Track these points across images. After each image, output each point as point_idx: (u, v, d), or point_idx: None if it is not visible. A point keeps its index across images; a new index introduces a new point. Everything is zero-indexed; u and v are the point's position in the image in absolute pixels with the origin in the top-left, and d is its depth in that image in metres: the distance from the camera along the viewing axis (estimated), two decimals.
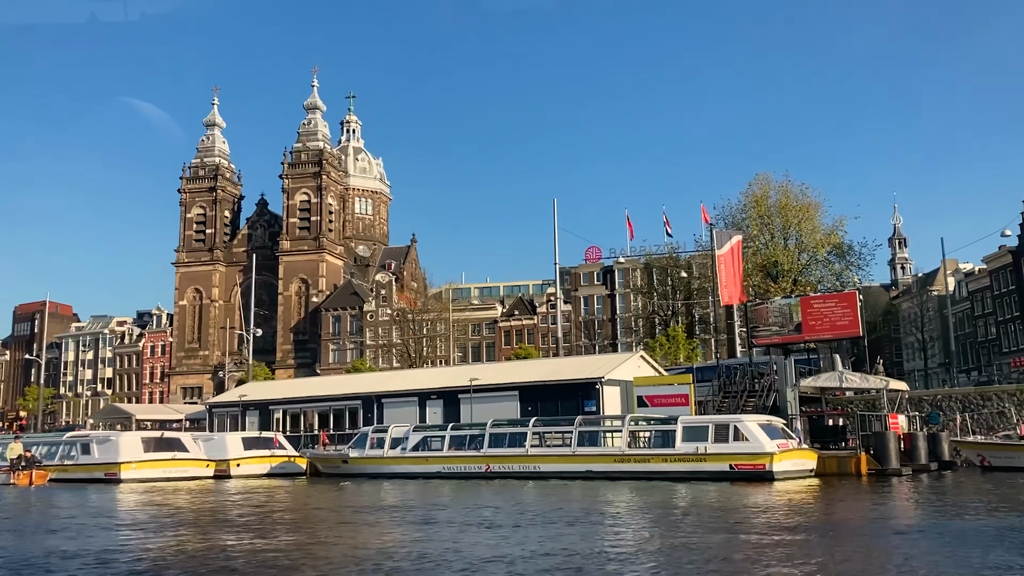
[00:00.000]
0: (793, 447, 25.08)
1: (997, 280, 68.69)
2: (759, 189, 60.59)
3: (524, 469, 27.24)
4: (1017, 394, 35.59)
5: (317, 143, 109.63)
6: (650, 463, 25.31)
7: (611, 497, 20.72)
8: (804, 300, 41.22)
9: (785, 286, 56.16)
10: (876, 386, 30.54)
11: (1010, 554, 11.07)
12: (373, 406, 39.25)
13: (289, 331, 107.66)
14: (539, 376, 36.99)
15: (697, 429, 25.22)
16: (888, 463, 26.30)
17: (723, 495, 20.73)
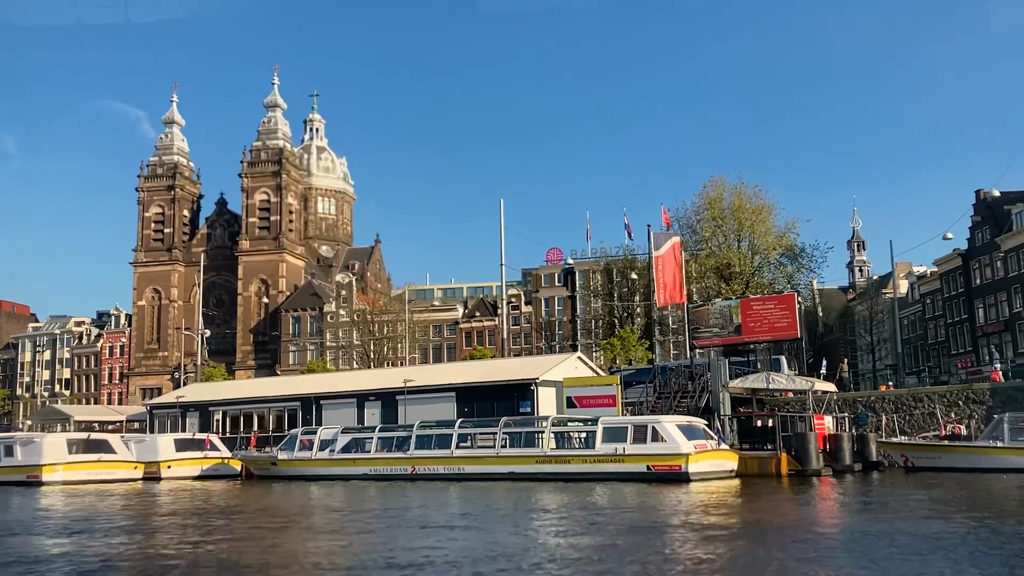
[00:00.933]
0: (712, 448, 25.18)
1: (947, 283, 69.54)
2: (713, 191, 60.95)
3: (449, 471, 27.18)
4: (947, 395, 36.05)
5: (277, 142, 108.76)
6: (571, 464, 25.34)
7: (516, 500, 20.68)
8: (744, 302, 41.63)
9: (737, 288, 56.56)
10: (801, 387, 30.80)
11: (883, 561, 11.05)
12: (312, 408, 38.99)
13: (249, 332, 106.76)
14: (476, 377, 36.95)
15: (617, 430, 25.27)
16: (808, 464, 26.51)
17: (628, 496, 20.77)
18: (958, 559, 10.84)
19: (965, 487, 22.63)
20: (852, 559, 11.09)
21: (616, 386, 30.93)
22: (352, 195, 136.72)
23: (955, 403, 35.60)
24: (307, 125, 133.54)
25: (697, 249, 62.27)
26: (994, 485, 22.97)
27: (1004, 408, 33.37)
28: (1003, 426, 27.20)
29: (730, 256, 58.65)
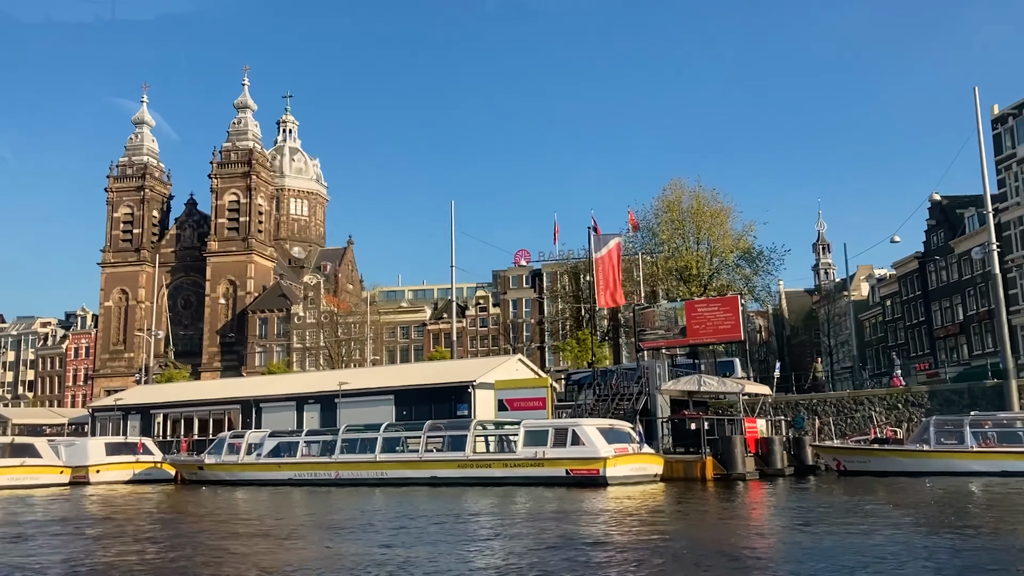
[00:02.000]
0: (634, 452, 24.98)
1: (905, 286, 69.87)
2: (672, 194, 60.97)
3: (372, 476, 26.88)
4: (887, 398, 36.13)
5: (247, 143, 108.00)
6: (492, 468, 25.10)
7: (427, 505, 20.42)
8: (689, 304, 41.51)
9: (696, 290, 56.57)
10: (732, 390, 30.63)
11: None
12: (252, 410, 38.60)
13: (216, 333, 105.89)
14: (415, 380, 36.68)
15: (538, 434, 25.05)
16: (734, 468, 26.37)
17: (528, 502, 20.51)
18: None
19: (874, 490, 22.54)
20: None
21: (547, 389, 30.71)
22: (325, 196, 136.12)
23: (895, 406, 35.69)
24: (280, 126, 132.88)
25: (657, 251, 62.30)
26: (914, 488, 22.86)
27: (942, 411, 33.48)
28: (930, 429, 27.15)
29: (687, 259, 58.66)
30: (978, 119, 35.22)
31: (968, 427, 26.46)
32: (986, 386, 34.97)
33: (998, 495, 20.82)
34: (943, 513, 17.81)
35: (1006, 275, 55.95)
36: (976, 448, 25.98)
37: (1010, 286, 55.59)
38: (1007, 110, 55.52)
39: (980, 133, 35.16)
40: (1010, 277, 55.65)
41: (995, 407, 32.33)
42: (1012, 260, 54.94)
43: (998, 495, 20.82)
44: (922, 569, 10.48)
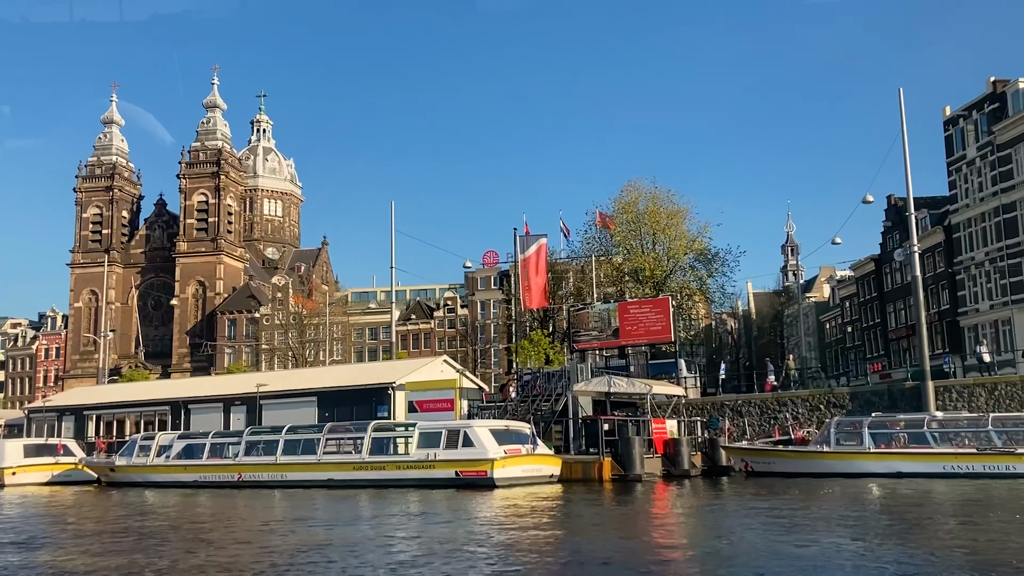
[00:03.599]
0: (527, 453, 24.95)
1: (862, 288, 70.08)
2: (628, 195, 61.08)
3: (273, 478, 26.86)
4: (809, 399, 36.22)
5: (216, 142, 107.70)
6: (386, 470, 25.08)
7: (308, 510, 20.37)
8: (622, 306, 41.67)
9: (649, 292, 56.64)
10: (640, 391, 30.62)
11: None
12: (181, 412, 38.53)
13: (185, 334, 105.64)
14: (338, 382, 36.69)
15: (432, 435, 25.03)
16: (632, 469, 26.35)
17: (408, 504, 20.48)
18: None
19: (765, 492, 22.57)
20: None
21: (455, 390, 30.69)
22: (299, 197, 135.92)
23: (817, 407, 35.79)
24: (254, 126, 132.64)
25: (613, 253, 62.37)
26: (809, 489, 22.86)
27: (862, 412, 33.58)
28: (831, 431, 27.22)
29: (641, 260, 58.72)
30: (903, 121, 35.31)
31: (867, 429, 26.51)
32: (905, 388, 35.11)
33: (874, 497, 20.89)
34: (806, 510, 17.86)
35: (955, 277, 56.21)
36: (874, 450, 26.04)
37: (959, 287, 55.82)
38: (958, 112, 55.68)
39: (904, 136, 35.21)
40: (959, 279, 55.84)
41: (914, 408, 32.50)
42: (962, 262, 55.09)
43: (874, 497, 20.89)
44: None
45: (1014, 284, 49.61)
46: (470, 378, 38.28)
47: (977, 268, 53.40)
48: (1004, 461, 24.09)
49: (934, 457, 25.07)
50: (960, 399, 33.35)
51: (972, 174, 54.10)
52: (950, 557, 11.18)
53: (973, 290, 54.18)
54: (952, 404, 33.30)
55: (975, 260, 53.44)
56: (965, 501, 19.53)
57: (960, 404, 33.12)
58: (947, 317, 57.44)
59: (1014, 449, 24.14)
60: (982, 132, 52.91)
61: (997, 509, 17.82)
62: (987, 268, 52.48)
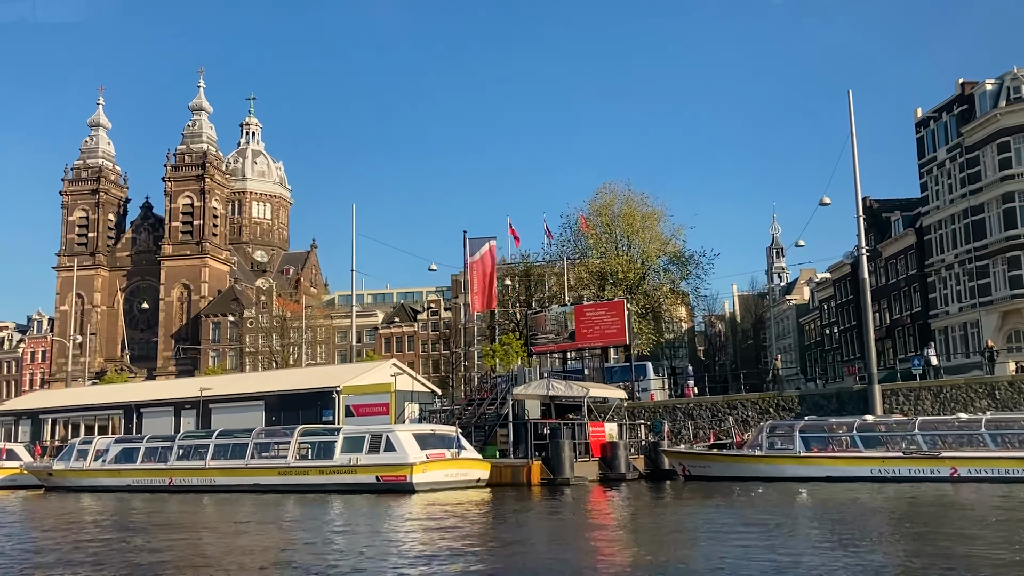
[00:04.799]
0: (451, 457, 24.82)
1: (839, 290, 69.88)
2: (602, 199, 60.87)
3: (202, 482, 26.79)
4: (759, 402, 36.06)
5: (201, 145, 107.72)
6: (309, 475, 24.98)
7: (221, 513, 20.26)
8: (578, 308, 41.53)
9: (621, 294, 56.46)
10: (578, 394, 30.45)
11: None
12: (133, 415, 38.52)
13: (171, 337, 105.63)
14: (285, 386, 36.63)
15: (355, 440, 24.93)
16: (560, 472, 26.19)
17: (323, 508, 20.39)
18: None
19: (689, 497, 22.45)
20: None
21: (390, 394, 30.59)
22: (289, 199, 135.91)
23: (766, 410, 35.63)
24: (243, 129, 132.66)
25: (588, 255, 62.14)
26: (728, 492, 22.72)
27: (811, 414, 33.44)
28: (763, 434, 27.08)
29: (614, 263, 58.51)
30: (852, 123, 35.18)
31: (798, 433, 26.36)
32: (853, 391, 34.95)
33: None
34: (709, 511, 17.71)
35: (927, 279, 55.98)
36: (804, 453, 25.89)
37: (930, 290, 55.59)
38: (928, 114, 55.50)
39: (853, 137, 35.10)
40: (930, 281, 55.60)
41: (860, 412, 32.33)
42: (933, 264, 54.85)
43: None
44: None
45: (981, 287, 49.38)
46: (422, 382, 38.19)
47: (947, 270, 53.18)
48: (929, 465, 23.93)
49: (862, 461, 24.93)
50: (907, 402, 33.22)
51: (942, 176, 53.88)
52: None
53: (944, 292, 53.95)
54: (899, 407, 33.17)
55: (945, 262, 53.23)
56: (882, 506, 19.39)
57: (907, 407, 32.98)
58: (919, 319, 57.23)
59: (938, 453, 23.97)
60: (951, 134, 52.73)
61: (911, 513, 17.67)
62: (956, 270, 52.26)
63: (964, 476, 23.49)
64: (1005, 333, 48.08)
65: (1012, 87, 47.97)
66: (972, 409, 31.24)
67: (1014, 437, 23.71)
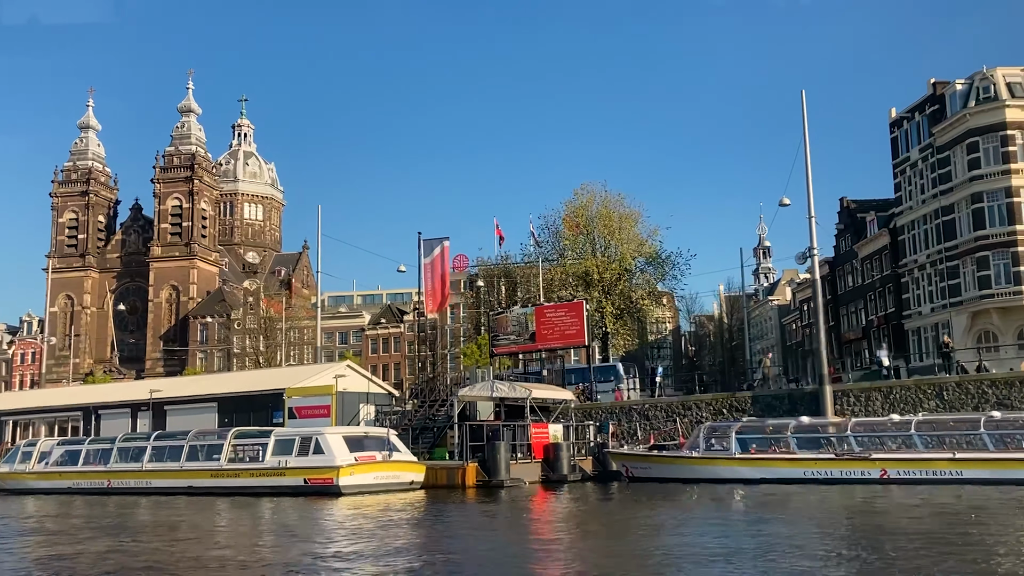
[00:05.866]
0: (382, 459, 24.80)
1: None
2: (579, 200, 60.83)
3: (139, 485, 26.85)
4: (712, 403, 36.02)
5: (190, 147, 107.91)
6: (241, 477, 25.01)
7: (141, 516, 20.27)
8: (538, 310, 41.53)
9: (597, 295, 56.48)
10: (521, 395, 30.39)
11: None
12: (92, 417, 38.63)
13: (159, 339, 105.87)
14: (237, 387, 36.68)
15: (286, 443, 24.96)
16: (496, 474, 26.14)
17: (238, 511, 20.39)
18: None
19: (617, 498, 22.40)
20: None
21: (332, 396, 30.58)
22: (281, 201, 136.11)
23: (720, 411, 35.57)
24: (235, 130, 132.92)
25: (563, 256, 62.07)
26: (656, 494, 22.67)
27: (763, 416, 33.39)
28: (700, 436, 27.03)
29: (588, 264, 58.45)
30: (804, 123, 35.16)
31: (734, 434, 26.31)
32: (805, 392, 34.88)
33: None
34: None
35: (900, 279, 55.84)
36: (739, 455, 25.83)
37: (904, 290, 55.46)
38: (902, 114, 55.39)
39: (806, 137, 35.07)
40: (904, 282, 55.47)
41: (812, 412, 32.26)
42: (906, 264, 54.72)
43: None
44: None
45: (952, 287, 49.27)
46: (378, 383, 38.23)
47: (920, 271, 53.07)
48: (860, 467, 23.86)
49: (795, 463, 24.87)
50: (857, 403, 33.13)
51: (915, 176, 53.76)
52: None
53: (916, 293, 53.84)
54: (850, 408, 33.09)
55: (918, 263, 53.12)
56: (799, 508, 19.33)
57: (857, 408, 32.90)
58: (894, 320, 57.10)
59: (869, 455, 23.90)
60: (924, 134, 52.61)
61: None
62: (928, 271, 52.15)
63: (894, 478, 23.42)
64: (975, 334, 47.93)
65: (981, 87, 47.82)
66: (922, 410, 31.20)
67: (943, 438, 23.62)
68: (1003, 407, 29.63)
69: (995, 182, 46.57)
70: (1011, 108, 46.24)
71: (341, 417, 33.24)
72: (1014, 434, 22.84)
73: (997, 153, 46.59)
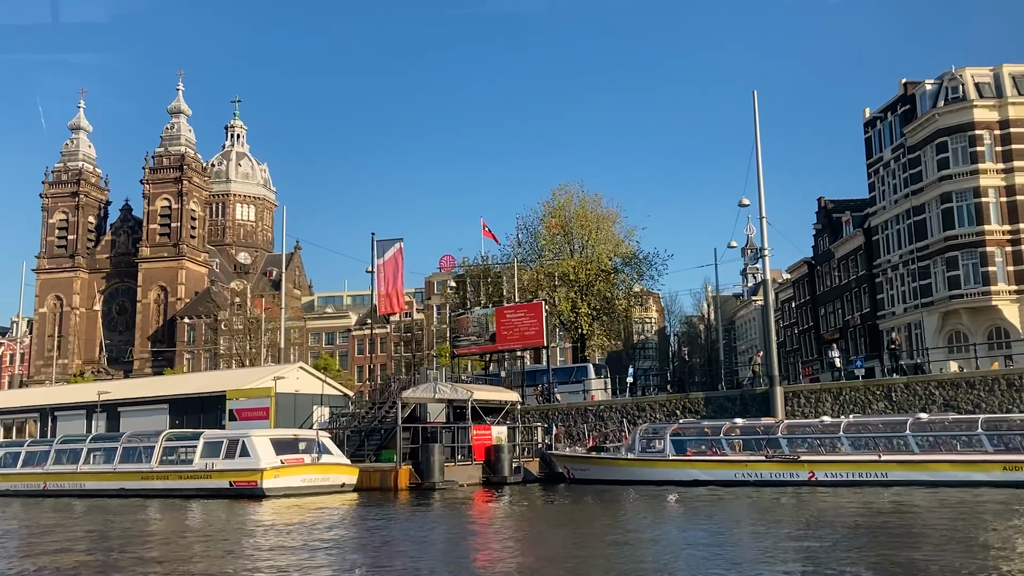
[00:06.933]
0: (311, 462, 24.71)
1: (798, 290, 69.51)
2: (556, 200, 60.69)
3: (74, 487, 26.83)
4: (666, 404, 35.82)
5: (179, 148, 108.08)
6: (170, 480, 24.96)
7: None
8: (499, 310, 41.41)
9: (574, 295, 56.33)
10: (462, 396, 30.26)
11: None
12: (48, 419, 38.62)
13: (147, 339, 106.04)
14: (188, 389, 36.65)
15: (214, 445, 24.90)
16: (430, 477, 26.02)
17: (152, 515, 20.32)
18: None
19: (545, 501, 22.27)
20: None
21: (270, 399, 30.51)
22: (273, 202, 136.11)
23: (673, 412, 35.36)
24: (228, 131, 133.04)
25: (541, 256, 61.94)
26: (582, 497, 22.52)
27: (716, 417, 33.21)
28: (636, 437, 26.89)
29: (566, 265, 58.29)
30: (756, 124, 34.92)
31: (668, 436, 26.16)
32: (756, 393, 34.63)
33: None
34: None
35: (874, 279, 55.59)
36: (673, 457, 25.69)
37: (878, 290, 55.21)
38: (875, 114, 55.16)
39: (757, 138, 34.80)
40: (878, 282, 55.23)
41: (764, 413, 32.10)
42: (880, 265, 54.48)
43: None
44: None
45: (923, 287, 49.00)
46: (333, 385, 38.16)
47: (893, 271, 52.83)
48: (789, 468, 23.71)
49: (727, 464, 24.73)
50: (808, 404, 32.89)
51: (888, 176, 53.53)
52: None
53: (890, 293, 53.59)
54: (800, 409, 32.85)
55: (891, 263, 52.88)
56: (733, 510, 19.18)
57: (808, 409, 32.65)
58: (869, 320, 56.84)
59: (797, 456, 23.73)
60: (896, 134, 52.38)
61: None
62: (901, 271, 51.91)
63: (822, 480, 23.26)
64: (946, 334, 47.67)
65: (950, 87, 47.55)
66: (870, 411, 31.02)
67: (871, 440, 23.45)
68: (950, 408, 29.46)
69: (963, 182, 46.32)
70: (979, 108, 45.99)
71: (293, 419, 33.17)
72: (940, 436, 22.65)
73: (965, 153, 46.33)
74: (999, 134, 45.79)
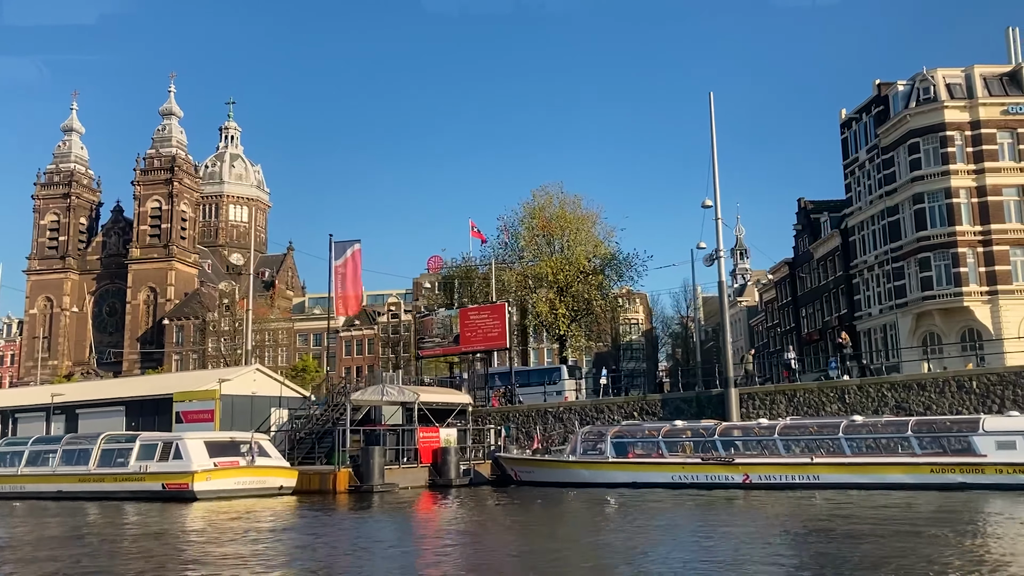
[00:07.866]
0: (244, 465, 24.63)
1: (780, 291, 69.25)
2: (536, 202, 60.53)
3: (14, 489, 26.81)
4: (624, 406, 35.69)
5: (170, 149, 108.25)
6: (105, 482, 24.92)
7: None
8: (463, 312, 41.35)
9: (552, 296, 56.18)
10: (408, 399, 30.17)
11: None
12: (9, 421, 38.64)
13: (136, 341, 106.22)
14: (144, 391, 36.62)
15: (150, 447, 24.86)
16: (369, 479, 25.92)
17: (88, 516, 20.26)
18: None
19: (479, 503, 22.15)
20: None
21: (215, 401, 30.44)
22: (267, 203, 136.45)
23: (631, 414, 35.23)
24: (222, 133, 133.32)
25: (519, 258, 61.80)
26: (524, 499, 22.41)
27: (672, 418, 33.05)
28: (577, 440, 26.77)
29: (545, 266, 58.13)
30: (712, 124, 34.78)
31: (609, 439, 26.03)
32: (712, 395, 34.47)
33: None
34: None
35: (852, 280, 55.32)
36: (613, 459, 25.56)
37: (856, 291, 54.94)
38: (851, 115, 54.91)
39: (713, 139, 34.67)
40: (855, 283, 54.96)
41: (719, 415, 31.97)
42: (857, 266, 54.22)
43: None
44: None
45: (898, 288, 48.74)
46: (291, 387, 38.09)
47: (869, 272, 52.58)
48: (723, 471, 23.57)
49: (664, 467, 24.60)
50: (763, 406, 32.73)
51: (863, 177, 53.28)
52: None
53: (867, 294, 53.33)
54: (755, 411, 32.68)
55: (867, 264, 52.63)
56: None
57: (763, 411, 32.49)
58: (847, 321, 56.53)
59: (732, 459, 23.59)
60: (870, 135, 52.13)
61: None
62: (876, 272, 51.67)
63: (756, 482, 23.11)
64: (920, 335, 47.40)
65: (922, 88, 47.27)
66: (824, 413, 30.87)
67: (805, 443, 23.28)
68: (901, 410, 29.31)
69: (935, 183, 46.05)
70: (949, 109, 45.72)
71: (250, 421, 33.05)
72: (873, 438, 22.48)
73: (937, 154, 46.04)
74: (970, 135, 45.50)
